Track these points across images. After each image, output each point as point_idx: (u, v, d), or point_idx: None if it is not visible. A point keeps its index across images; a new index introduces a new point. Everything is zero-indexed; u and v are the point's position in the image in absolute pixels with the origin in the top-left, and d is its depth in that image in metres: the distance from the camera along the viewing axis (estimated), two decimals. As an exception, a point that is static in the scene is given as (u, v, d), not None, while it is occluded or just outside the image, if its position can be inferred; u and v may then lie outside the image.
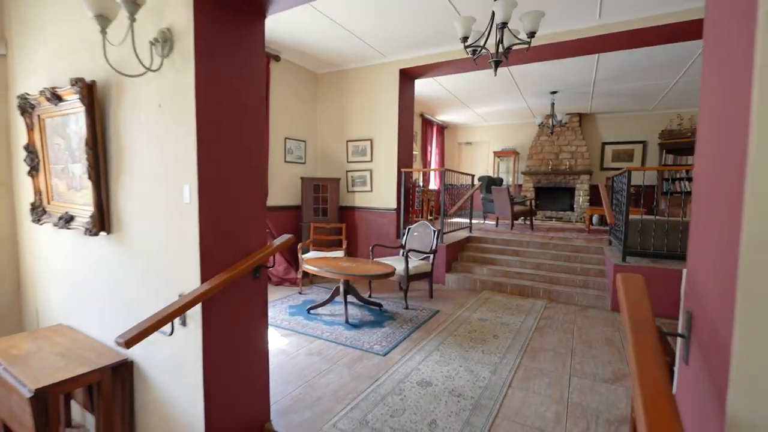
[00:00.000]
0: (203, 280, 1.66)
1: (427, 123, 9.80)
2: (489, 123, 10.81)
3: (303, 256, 4.63)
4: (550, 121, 7.88)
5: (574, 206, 9.67)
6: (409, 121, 5.75)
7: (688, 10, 3.75)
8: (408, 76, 5.62)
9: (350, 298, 4.00)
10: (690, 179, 8.73)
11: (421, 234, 4.71)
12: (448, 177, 6.30)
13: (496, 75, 3.05)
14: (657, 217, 4.43)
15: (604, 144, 9.80)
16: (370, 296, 4.44)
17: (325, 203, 5.46)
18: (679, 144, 8.67)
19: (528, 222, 8.70)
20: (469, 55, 3.09)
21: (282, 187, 5.38)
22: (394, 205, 5.46)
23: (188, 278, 1.71)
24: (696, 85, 7.04)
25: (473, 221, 6.83)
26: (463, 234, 6.14)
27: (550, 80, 6.74)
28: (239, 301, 1.85)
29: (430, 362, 2.82)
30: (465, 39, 2.97)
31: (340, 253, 4.77)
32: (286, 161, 5.42)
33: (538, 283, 4.79)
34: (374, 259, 4.44)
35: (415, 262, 4.27)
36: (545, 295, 4.60)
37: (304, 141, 5.75)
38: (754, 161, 0.69)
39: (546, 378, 2.65)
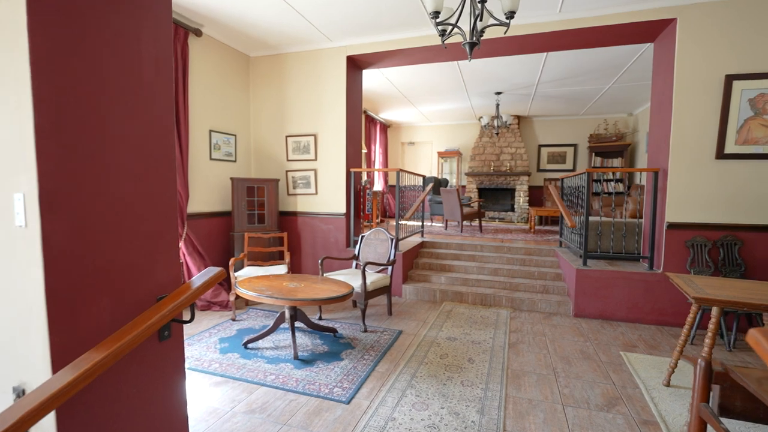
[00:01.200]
0: (56, 365, 0.95)
1: (370, 121, 9.32)
2: (432, 123, 10.64)
3: (236, 273, 3.85)
4: (495, 122, 7.84)
5: (515, 207, 9.85)
6: (357, 116, 5.20)
7: (643, 10, 3.69)
8: (356, 65, 5.06)
9: (298, 323, 3.34)
10: (617, 180, 9.34)
11: (376, 242, 4.18)
12: (392, 178, 5.84)
13: (470, 60, 2.63)
14: (616, 219, 4.39)
15: (540, 146, 10.12)
16: (320, 318, 3.81)
17: (262, 208, 4.69)
18: (605, 147, 9.19)
19: (473, 224, 8.62)
20: (439, 36, 2.63)
21: (208, 190, 4.51)
22: (343, 210, 4.87)
23: (30, 362, 0.99)
24: (622, 93, 7.43)
25: (420, 224, 6.47)
26: (416, 239, 5.74)
27: (497, 80, 6.63)
28: (136, 384, 1.16)
29: (406, 406, 2.30)
30: (436, 15, 2.50)
31: (282, 269, 4.05)
32: (212, 159, 4.55)
33: (499, 291, 4.53)
34: (324, 275, 3.82)
35: (373, 276, 3.73)
36: (508, 304, 4.34)
37: (234, 135, 4.91)
38: None
39: (540, 412, 2.28)
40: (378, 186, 9.88)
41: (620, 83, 6.83)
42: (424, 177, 6.40)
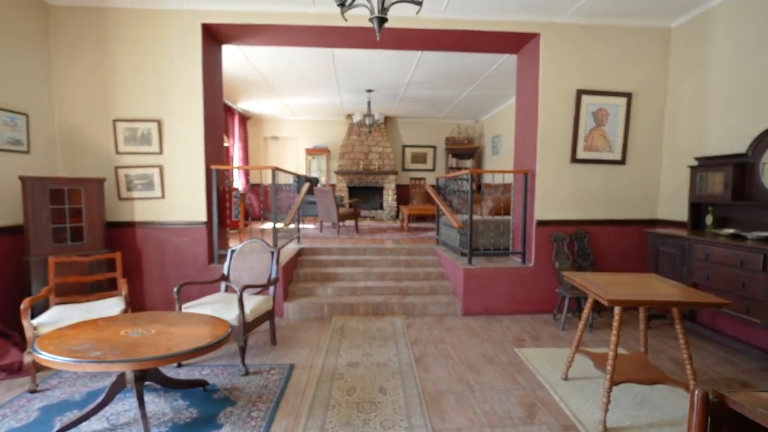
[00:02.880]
0: None
1: (227, 110, 8.07)
2: (299, 117, 9.92)
3: (37, 320, 2.57)
4: (367, 120, 7.68)
5: (384, 205, 9.99)
6: (218, 102, 4.24)
7: (515, 21, 3.91)
8: (215, 38, 4.09)
9: (149, 382, 2.38)
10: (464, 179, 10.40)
11: (251, 256, 3.41)
12: (254, 176, 4.98)
13: (379, 38, 2.21)
14: (494, 217, 4.63)
15: (404, 146, 10.51)
16: (180, 366, 2.85)
17: (78, 219, 3.35)
18: (459, 149, 10.11)
19: (346, 224, 8.34)
20: (338, 6, 2.13)
21: (-25, 196, 2.95)
22: (203, 217, 3.88)
23: None
24: (474, 101, 8.20)
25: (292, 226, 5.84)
26: (294, 246, 5.07)
27: (370, 76, 6.43)
28: None
29: (324, 481, 1.75)
30: (338, -23, 1.99)
31: (116, 306, 2.89)
32: (-19, 148, 3.00)
33: (390, 297, 4.29)
34: (183, 307, 2.88)
35: (252, 302, 2.98)
36: (401, 310, 4.13)
37: (25, 114, 3.38)
38: None
39: (472, 444, 2.04)
40: (237, 184, 8.68)
41: (474, 91, 7.47)
42: (298, 176, 5.74)
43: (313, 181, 8.69)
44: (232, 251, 3.45)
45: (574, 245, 4.15)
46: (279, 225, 4.10)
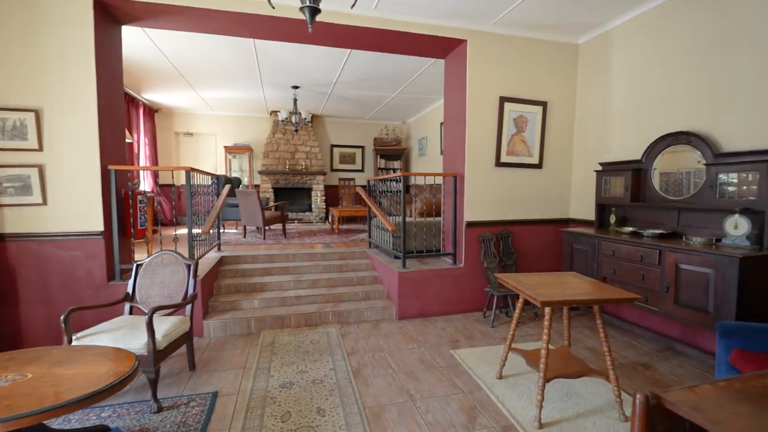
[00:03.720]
0: None
1: (129, 101, 7.12)
2: (217, 112, 9.14)
3: None
4: (294, 118, 7.32)
5: (312, 206, 9.66)
6: (117, 90, 3.65)
7: (445, 26, 3.97)
8: (110, 15, 3.50)
9: (23, 439, 1.91)
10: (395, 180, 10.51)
11: (162, 271, 2.97)
12: (164, 177, 4.34)
13: (311, 30, 2.02)
14: (426, 219, 4.66)
15: (332, 146, 10.28)
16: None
17: None
18: (387, 150, 10.17)
19: (273, 227, 7.90)
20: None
21: None
22: (100, 226, 3.30)
23: None
24: (401, 103, 8.31)
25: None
26: (213, 256, 4.59)
27: (296, 72, 6.12)
28: None
29: None
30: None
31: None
32: None
33: (323, 306, 4.09)
34: (74, 339, 2.39)
35: (165, 325, 2.58)
36: (335, 319, 3.96)
37: None
38: None
39: (417, 460, 1.96)
40: (145, 185, 7.71)
41: (402, 94, 7.55)
42: (217, 176, 5.24)
43: (235, 182, 8.07)
44: (138, 265, 2.97)
45: (500, 245, 4.36)
46: (197, 231, 3.66)
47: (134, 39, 4.72)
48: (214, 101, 8.08)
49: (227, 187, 4.88)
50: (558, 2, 3.58)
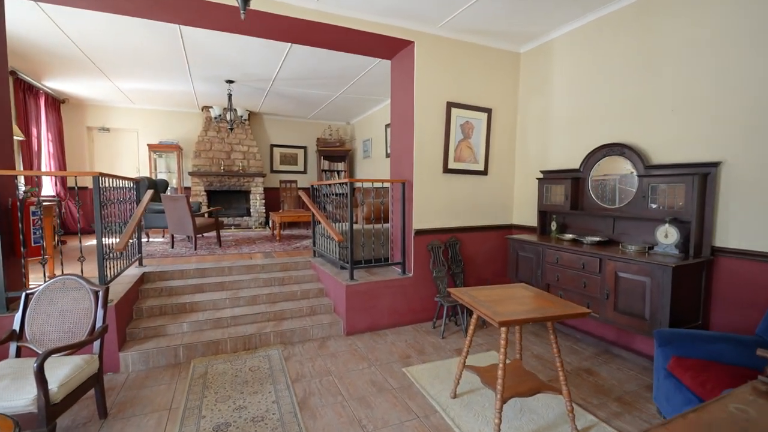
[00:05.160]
0: None
1: (26, 89, 6.09)
2: (139, 106, 8.19)
3: None
4: (229, 116, 6.76)
5: (251, 210, 9.06)
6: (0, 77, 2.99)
7: (392, 26, 3.81)
8: (-13, -11, 2.85)
9: None
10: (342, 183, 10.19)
11: (62, 301, 2.46)
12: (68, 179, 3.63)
13: (244, 17, 1.73)
14: (374, 226, 4.47)
15: (272, 146, 9.73)
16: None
17: None
18: (331, 151, 9.85)
19: (203, 236, 7.25)
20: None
21: None
22: (-24, 247, 2.67)
23: None
24: (345, 103, 8.06)
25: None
26: (133, 273, 4.02)
27: (229, 65, 5.62)
28: None
29: None
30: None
31: None
32: None
33: (264, 325, 3.74)
34: (-69, 398, 1.85)
35: (63, 371, 2.11)
36: (278, 339, 3.63)
37: None
38: None
39: (373, 508, 1.77)
40: (48, 189, 6.67)
41: (346, 93, 7.30)
42: (137, 180, 4.60)
43: (161, 185, 7.27)
44: (29, 294, 2.44)
45: (449, 252, 4.31)
46: (113, 242, 3.13)
47: (26, 14, 3.96)
48: (134, 93, 7.21)
49: (149, 192, 4.30)
50: (502, 10, 3.58)
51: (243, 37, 4.52)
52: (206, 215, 6.71)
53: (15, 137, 5.24)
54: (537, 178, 4.14)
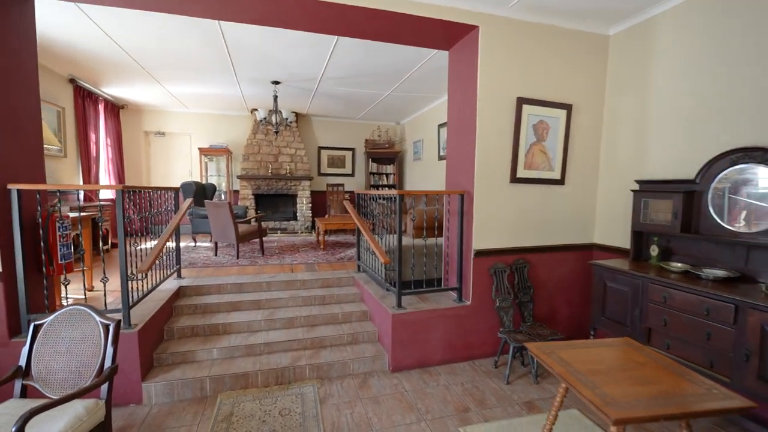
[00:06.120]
0: None
1: (85, 95, 6.23)
2: (190, 110, 8.27)
3: None
4: (274, 118, 6.50)
5: (297, 215, 8.85)
6: (18, 79, 2.80)
7: (452, 8, 3.19)
8: (13, -12, 2.66)
9: None
10: (390, 186, 9.68)
11: (69, 336, 2.17)
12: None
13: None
14: (426, 241, 3.90)
15: (320, 148, 9.47)
16: None
17: None
18: (379, 153, 9.38)
19: (248, 241, 7.08)
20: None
21: None
22: (-4, 267, 2.48)
23: None
24: (396, 102, 7.52)
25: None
26: (170, 286, 3.79)
27: (274, 65, 5.31)
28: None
29: None
30: None
31: None
32: None
33: (299, 355, 3.31)
34: None
35: (63, 420, 1.79)
36: (313, 374, 3.18)
37: None
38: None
39: None
40: (108, 192, 6.84)
41: (396, 92, 6.77)
42: (175, 189, 4.39)
43: (209, 190, 7.23)
44: (36, 326, 2.17)
45: (514, 277, 3.62)
46: (142, 266, 2.86)
47: (72, 19, 3.87)
48: (186, 97, 7.22)
49: (187, 201, 4.07)
50: (596, -19, 2.83)
51: (286, 34, 4.15)
52: (252, 221, 6.52)
53: (49, 145, 5.28)
54: (632, 190, 3.32)
